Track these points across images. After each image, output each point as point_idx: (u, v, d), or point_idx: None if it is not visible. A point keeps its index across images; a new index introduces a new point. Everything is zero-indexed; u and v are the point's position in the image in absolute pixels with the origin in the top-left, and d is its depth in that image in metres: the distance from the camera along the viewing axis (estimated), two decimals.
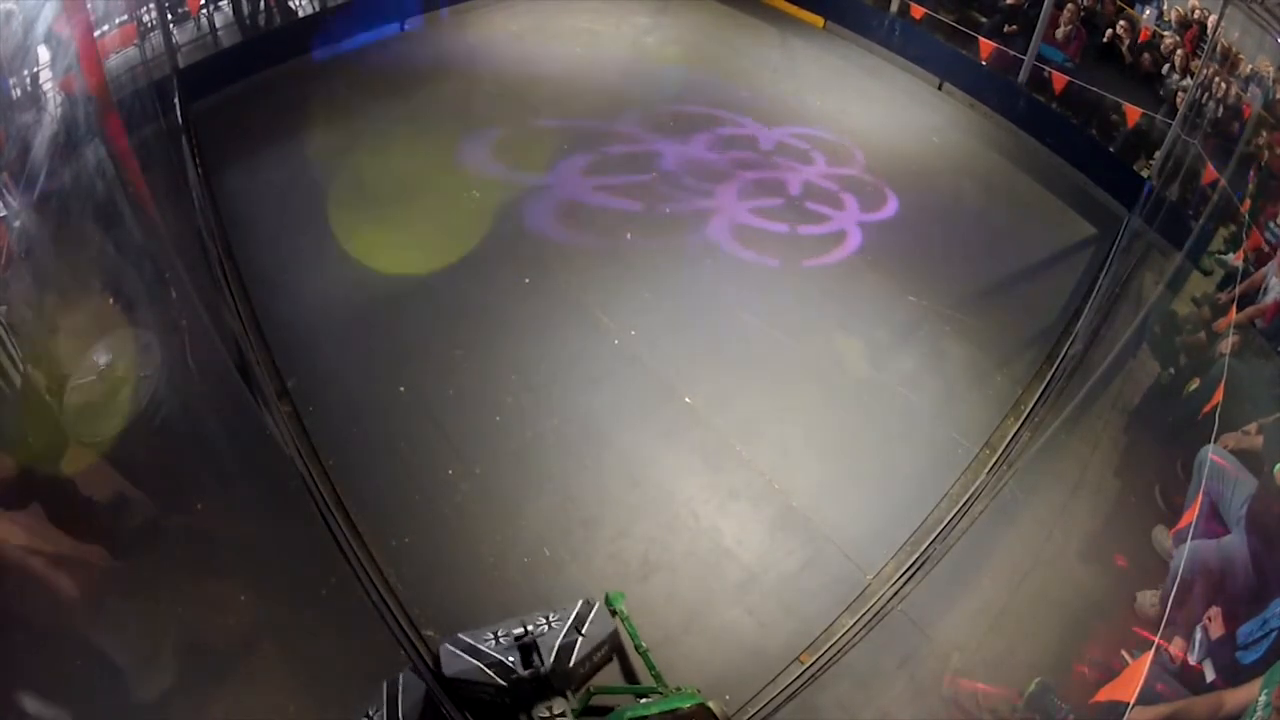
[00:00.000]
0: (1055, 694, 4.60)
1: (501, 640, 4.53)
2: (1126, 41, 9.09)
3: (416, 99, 9.14)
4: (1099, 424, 6.42)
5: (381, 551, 5.13)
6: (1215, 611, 4.29)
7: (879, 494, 5.82)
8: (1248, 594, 4.36)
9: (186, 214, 7.11)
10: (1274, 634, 3.95)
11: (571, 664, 4.45)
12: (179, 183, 7.43)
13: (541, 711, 4.27)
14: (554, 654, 4.43)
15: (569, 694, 4.40)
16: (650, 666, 4.56)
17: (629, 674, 4.72)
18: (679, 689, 4.42)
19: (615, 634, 4.68)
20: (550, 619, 4.63)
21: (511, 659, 4.42)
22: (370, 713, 4.19)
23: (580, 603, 4.72)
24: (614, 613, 4.80)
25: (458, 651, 4.50)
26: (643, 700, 4.32)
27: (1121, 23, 9.13)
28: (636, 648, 4.65)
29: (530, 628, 4.58)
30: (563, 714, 4.24)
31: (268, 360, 6.17)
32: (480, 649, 4.49)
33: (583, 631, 4.57)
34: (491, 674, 4.38)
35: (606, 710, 4.31)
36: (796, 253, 7.71)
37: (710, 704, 4.25)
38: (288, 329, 6.44)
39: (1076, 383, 6.68)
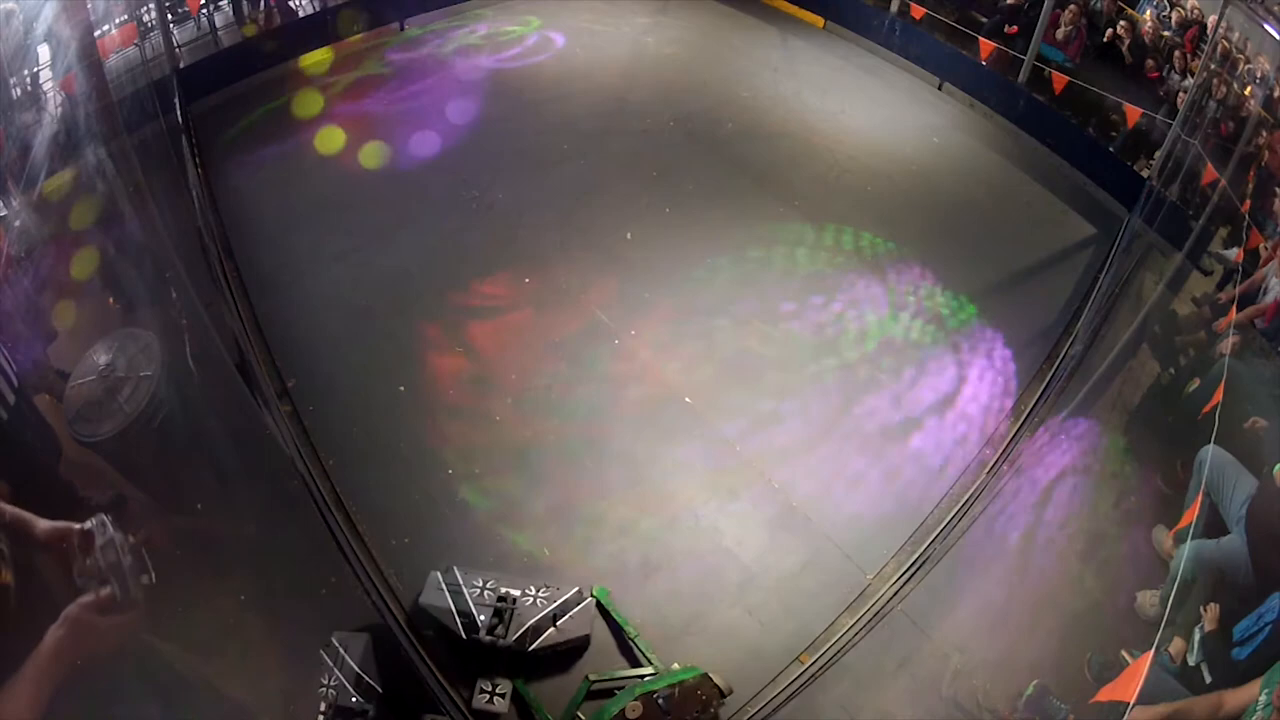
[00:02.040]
0: (1054, 695, 4.60)
1: (486, 593, 4.64)
2: (1127, 41, 9.08)
3: (416, 100, 9.12)
4: (1099, 424, 6.41)
5: (381, 551, 5.13)
6: (1212, 607, 4.29)
7: (879, 494, 5.82)
8: (1247, 593, 4.36)
9: (186, 214, 7.11)
10: (1268, 628, 3.95)
11: (530, 649, 4.54)
12: (179, 183, 7.43)
13: (485, 685, 4.42)
14: (521, 632, 4.52)
15: (519, 681, 4.49)
16: (643, 650, 4.63)
17: (619, 660, 4.75)
18: (676, 666, 4.52)
19: (588, 636, 4.71)
20: (538, 593, 4.70)
21: (483, 617, 4.54)
22: (326, 681, 4.21)
23: (574, 590, 4.76)
24: (599, 604, 4.86)
25: (443, 586, 4.66)
26: (645, 679, 4.41)
27: (1122, 23, 9.12)
28: (628, 635, 4.73)
29: (516, 594, 4.65)
30: (503, 695, 4.38)
31: (268, 360, 6.17)
32: (463, 592, 4.62)
33: (558, 624, 4.62)
34: (458, 623, 4.53)
35: (607, 694, 4.39)
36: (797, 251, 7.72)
37: (712, 675, 4.34)
38: (288, 329, 6.44)
39: (1076, 383, 6.67)
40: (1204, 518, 4.77)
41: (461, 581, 4.68)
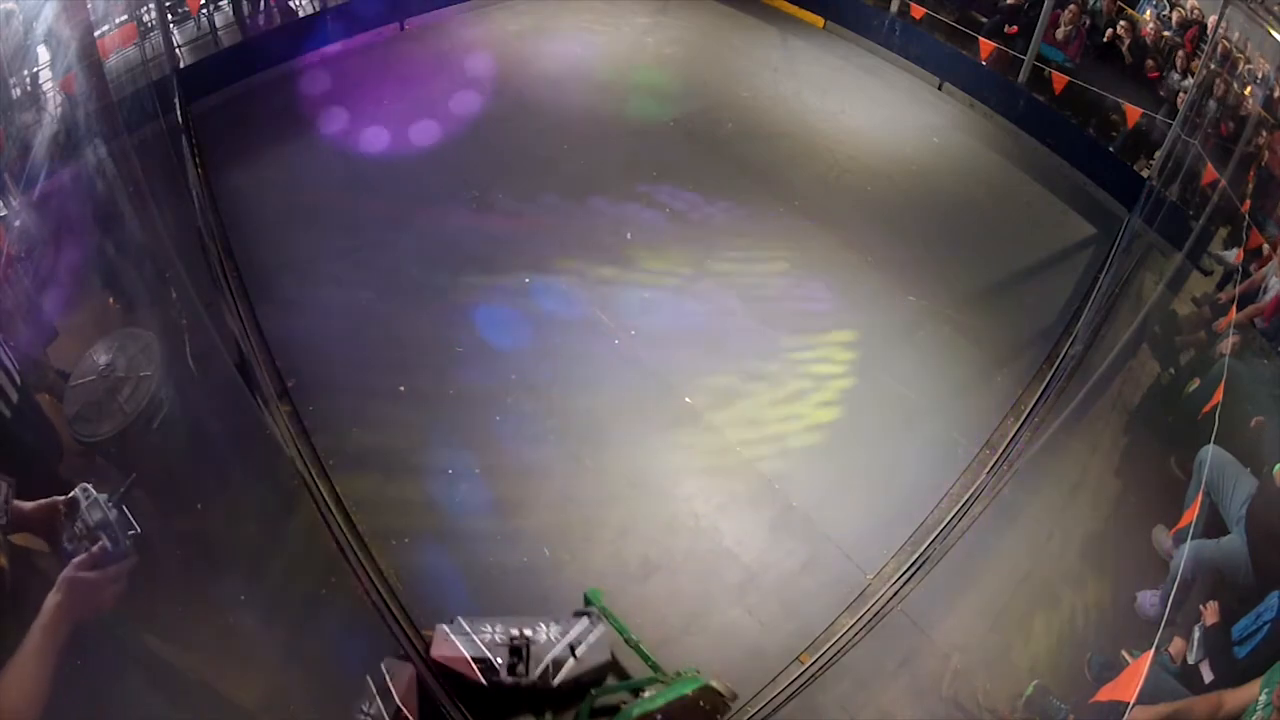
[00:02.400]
0: (1054, 695, 4.60)
1: (497, 636, 4.49)
2: (1127, 41, 9.08)
3: (416, 100, 9.13)
4: (1099, 424, 6.42)
5: (381, 551, 5.13)
6: (1212, 604, 4.30)
7: (879, 494, 5.82)
8: (1246, 593, 4.36)
9: (186, 214, 7.11)
10: (1267, 627, 3.95)
11: (555, 683, 4.41)
12: (179, 183, 7.43)
13: None
14: (541, 667, 4.39)
15: (547, 715, 4.39)
16: (645, 657, 4.59)
17: (623, 669, 4.73)
18: (678, 674, 4.47)
19: (608, 662, 4.62)
20: (550, 628, 4.58)
21: (499, 659, 4.40)
22: (365, 709, 4.19)
23: (584, 619, 4.66)
24: (595, 609, 4.80)
25: (451, 636, 4.50)
26: (646, 694, 4.35)
27: (1123, 23, 9.12)
28: (626, 641, 4.66)
29: (528, 633, 4.53)
30: None
31: (268, 360, 6.17)
32: (473, 639, 4.47)
33: (577, 653, 4.50)
34: (476, 669, 4.38)
35: (612, 710, 4.34)
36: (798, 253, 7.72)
37: (713, 683, 4.30)
38: (288, 329, 6.44)
39: (1076, 383, 6.68)
40: (1204, 518, 4.78)
41: (469, 628, 4.57)
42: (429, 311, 6.70)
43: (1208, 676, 4.09)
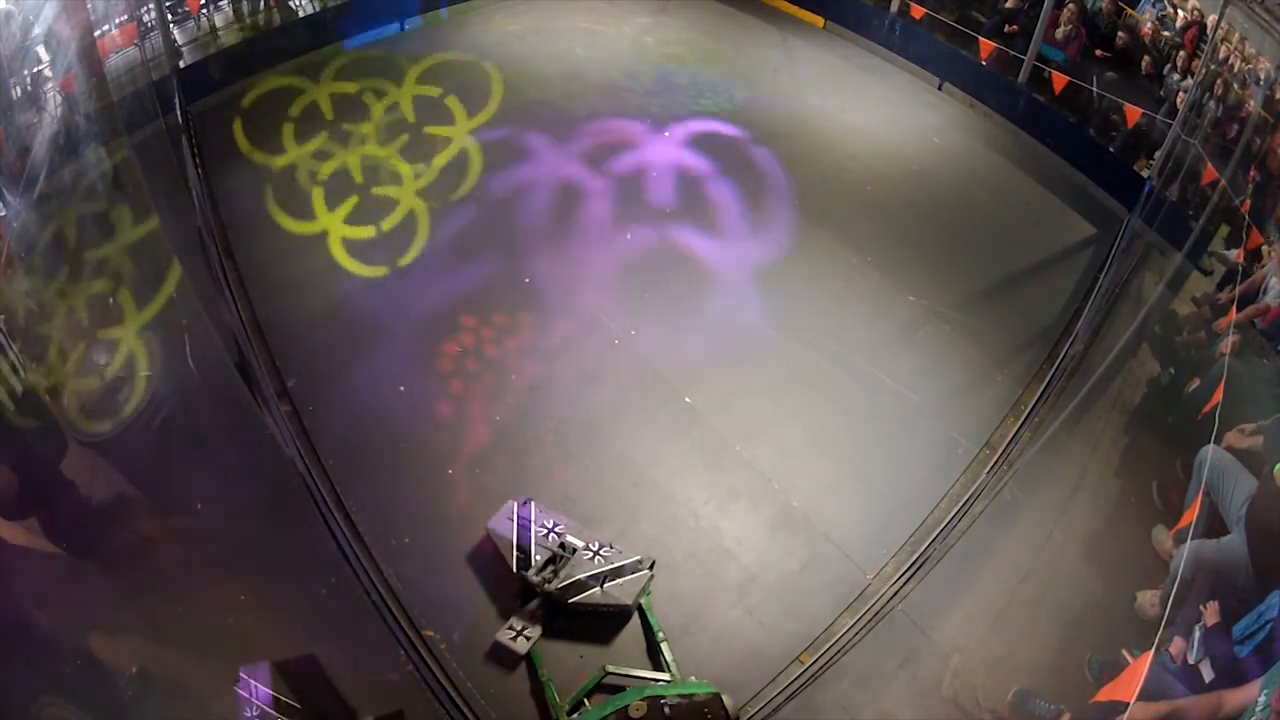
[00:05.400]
0: (1037, 696, 4.62)
1: (550, 536, 4.85)
2: (1112, 55, 9.09)
3: (416, 99, 9.13)
4: (1099, 424, 6.41)
5: (381, 551, 5.13)
6: (1212, 604, 4.30)
7: (879, 494, 5.82)
8: (1246, 593, 4.36)
9: (186, 214, 7.11)
10: (1269, 626, 3.95)
11: (569, 601, 4.68)
12: (179, 183, 7.43)
13: (515, 623, 4.62)
14: (567, 583, 4.67)
15: (536, 655, 4.59)
16: (666, 661, 4.64)
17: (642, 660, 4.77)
18: (693, 679, 4.54)
19: (629, 607, 4.76)
20: (599, 550, 4.84)
21: (538, 557, 4.75)
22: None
23: (635, 559, 4.85)
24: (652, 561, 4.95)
25: (513, 518, 4.90)
26: (657, 683, 4.46)
27: (1120, 34, 9.09)
28: (656, 639, 4.75)
29: (579, 546, 4.82)
30: (530, 640, 4.57)
31: (268, 360, 6.17)
32: (529, 530, 4.84)
33: (604, 587, 4.70)
34: (512, 555, 4.79)
35: (617, 689, 4.43)
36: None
37: (725, 696, 4.35)
38: (288, 329, 6.44)
39: (1076, 383, 6.68)
40: (1204, 518, 4.77)
41: (533, 518, 4.90)
42: (429, 312, 6.70)
43: (1208, 676, 4.09)
